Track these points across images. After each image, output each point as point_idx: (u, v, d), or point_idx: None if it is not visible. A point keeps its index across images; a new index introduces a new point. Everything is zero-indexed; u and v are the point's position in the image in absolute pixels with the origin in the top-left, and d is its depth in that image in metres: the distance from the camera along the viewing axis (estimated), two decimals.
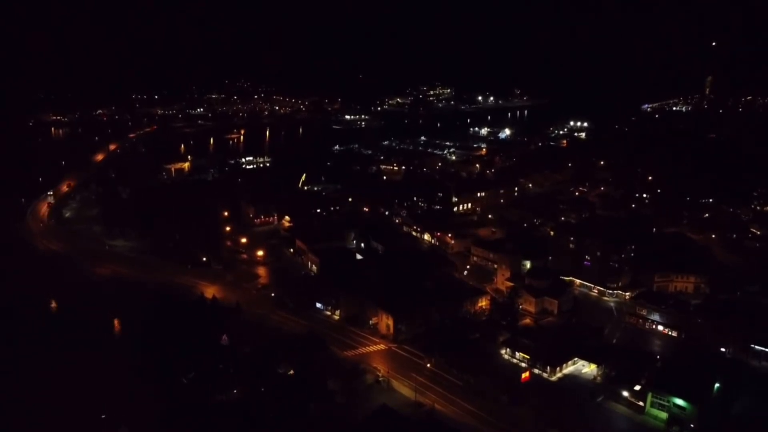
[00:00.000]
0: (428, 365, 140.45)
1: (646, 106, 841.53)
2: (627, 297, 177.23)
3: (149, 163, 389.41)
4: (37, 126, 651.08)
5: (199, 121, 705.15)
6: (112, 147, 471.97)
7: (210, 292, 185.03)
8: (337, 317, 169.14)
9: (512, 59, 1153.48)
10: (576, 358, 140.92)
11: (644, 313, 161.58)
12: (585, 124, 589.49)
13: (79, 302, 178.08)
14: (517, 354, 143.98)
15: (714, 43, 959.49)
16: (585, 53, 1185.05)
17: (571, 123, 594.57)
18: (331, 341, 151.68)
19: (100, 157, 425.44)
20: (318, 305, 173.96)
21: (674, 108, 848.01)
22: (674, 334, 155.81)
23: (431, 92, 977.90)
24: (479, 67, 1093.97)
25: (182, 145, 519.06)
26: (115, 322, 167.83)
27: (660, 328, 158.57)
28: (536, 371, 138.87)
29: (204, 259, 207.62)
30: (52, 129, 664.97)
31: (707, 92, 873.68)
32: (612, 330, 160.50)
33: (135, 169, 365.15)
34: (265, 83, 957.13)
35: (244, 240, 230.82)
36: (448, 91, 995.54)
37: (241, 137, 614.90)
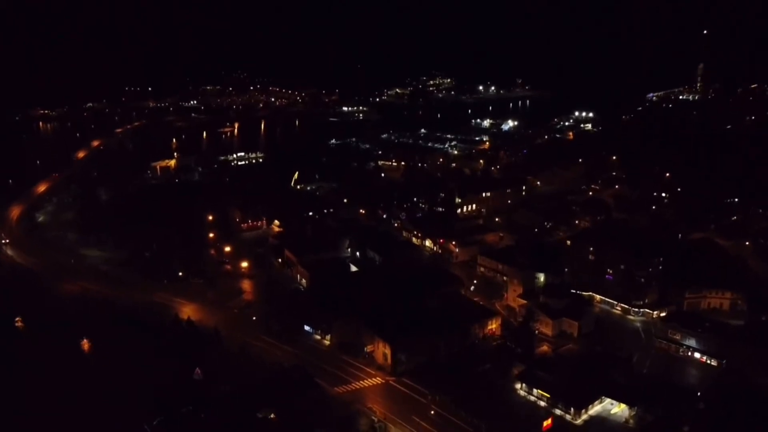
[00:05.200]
0: (432, 406, 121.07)
1: (651, 95, 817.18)
2: (655, 316, 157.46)
3: (134, 161, 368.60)
4: (25, 121, 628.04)
5: (192, 115, 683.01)
6: (95, 144, 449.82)
7: (187, 311, 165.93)
8: (328, 342, 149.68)
9: (512, 47, 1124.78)
10: (603, 397, 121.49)
11: (678, 338, 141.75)
12: (590, 115, 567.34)
13: (38, 327, 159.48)
14: (535, 391, 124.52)
15: (705, 31, 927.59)
16: (584, 40, 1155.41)
17: (576, 113, 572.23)
18: (320, 374, 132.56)
19: (81, 154, 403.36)
20: (307, 328, 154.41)
21: (680, 97, 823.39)
22: (714, 363, 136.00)
23: (431, 82, 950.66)
24: (479, 55, 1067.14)
25: (174, 140, 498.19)
26: (83, 346, 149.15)
27: (697, 355, 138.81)
28: (558, 412, 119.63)
29: (180, 273, 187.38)
30: (40, 124, 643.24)
31: (699, 80, 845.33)
32: (641, 357, 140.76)
33: (118, 168, 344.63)
34: (262, 74, 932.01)
35: (228, 249, 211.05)
36: (448, 81, 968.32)
37: (235, 131, 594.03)
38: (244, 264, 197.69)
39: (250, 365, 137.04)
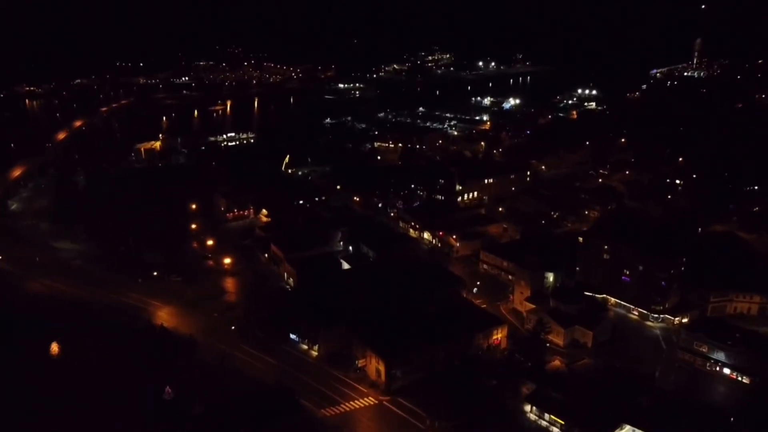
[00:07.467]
0: None
1: (655, 71, 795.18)
2: (676, 322, 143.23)
3: (119, 142, 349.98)
4: (10, 98, 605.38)
5: (183, 92, 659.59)
6: (77, 124, 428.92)
7: (162, 315, 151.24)
8: (315, 353, 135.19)
9: (512, 21, 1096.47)
10: (624, 424, 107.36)
11: (704, 351, 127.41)
12: (594, 93, 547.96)
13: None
14: (547, 415, 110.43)
15: (703, 6, 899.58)
16: (584, 14, 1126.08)
17: (579, 91, 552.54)
18: (306, 392, 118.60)
19: (61, 135, 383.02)
20: (293, 336, 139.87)
21: (685, 74, 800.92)
22: (746, 380, 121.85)
23: (429, 58, 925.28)
24: (479, 30, 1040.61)
25: (164, 118, 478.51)
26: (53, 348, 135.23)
27: (726, 370, 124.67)
28: None
29: (156, 273, 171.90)
30: (27, 101, 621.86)
31: (696, 56, 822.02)
32: (663, 372, 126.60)
33: (101, 151, 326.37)
34: (257, 50, 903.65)
35: (210, 242, 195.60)
36: (448, 56, 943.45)
37: (227, 109, 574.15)
38: (228, 260, 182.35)
39: (228, 381, 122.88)
